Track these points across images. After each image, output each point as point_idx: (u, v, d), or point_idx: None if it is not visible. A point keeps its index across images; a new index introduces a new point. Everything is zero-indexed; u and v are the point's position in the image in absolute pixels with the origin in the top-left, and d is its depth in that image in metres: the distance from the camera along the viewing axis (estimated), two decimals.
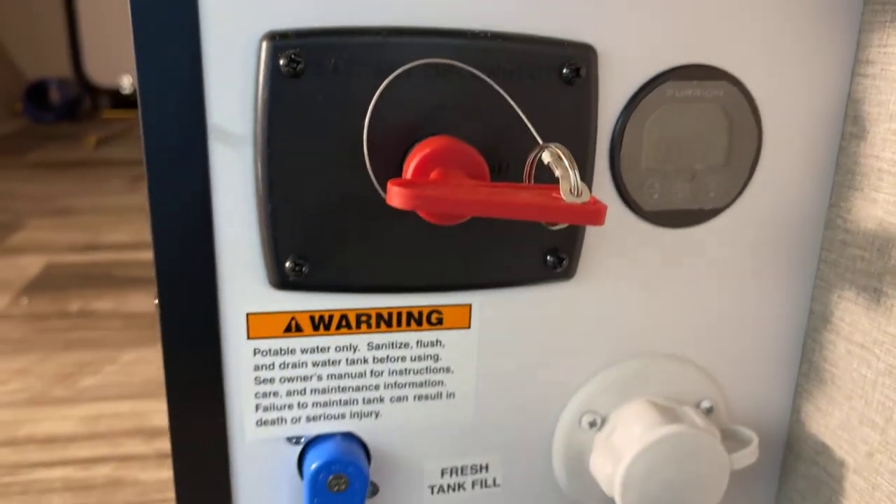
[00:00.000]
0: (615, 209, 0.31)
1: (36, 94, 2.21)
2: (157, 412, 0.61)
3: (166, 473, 0.53)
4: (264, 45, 0.26)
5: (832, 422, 0.34)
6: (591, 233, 0.31)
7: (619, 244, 0.31)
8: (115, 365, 0.69)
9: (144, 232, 1.04)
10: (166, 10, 0.25)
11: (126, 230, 1.11)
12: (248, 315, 0.29)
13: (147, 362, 0.70)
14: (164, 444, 0.56)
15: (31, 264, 0.95)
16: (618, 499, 0.31)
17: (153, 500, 0.50)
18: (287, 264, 0.28)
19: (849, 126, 0.32)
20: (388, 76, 0.26)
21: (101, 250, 1.02)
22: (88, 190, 1.37)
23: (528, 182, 0.26)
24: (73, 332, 0.76)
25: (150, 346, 0.73)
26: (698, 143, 0.31)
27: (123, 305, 0.83)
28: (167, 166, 0.27)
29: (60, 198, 1.30)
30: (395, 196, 0.23)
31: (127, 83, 2.56)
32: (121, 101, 2.49)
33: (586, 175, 0.30)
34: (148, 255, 0.28)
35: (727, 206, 0.32)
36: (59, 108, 2.21)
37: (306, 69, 0.26)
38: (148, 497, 0.51)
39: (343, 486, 0.30)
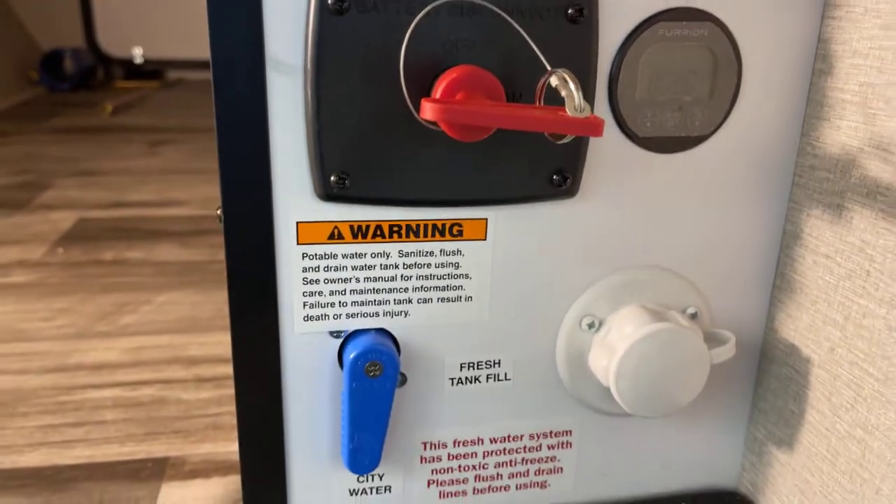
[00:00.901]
0: (612, 135, 0.35)
1: (51, 63, 2.25)
2: (193, 344, 0.66)
3: (205, 394, 0.59)
4: None
5: (800, 325, 0.38)
6: (592, 155, 0.35)
7: (616, 167, 0.36)
8: (151, 305, 0.75)
9: (167, 191, 1.10)
10: None
11: (149, 190, 1.16)
12: (297, 223, 0.34)
13: (179, 303, 0.75)
14: (202, 371, 0.62)
15: (63, 219, 1.01)
16: (612, 388, 0.36)
17: (195, 416, 0.56)
18: (332, 178, 0.33)
19: (818, 63, 0.36)
20: (419, 13, 0.31)
21: (127, 207, 1.07)
22: (109, 154, 1.42)
23: (539, 103, 0.31)
24: (109, 278, 0.82)
25: (181, 289, 0.79)
26: (686, 78, 0.35)
27: (153, 255, 0.88)
28: (231, 92, 0.31)
29: (83, 161, 1.35)
30: (428, 109, 0.28)
31: (138, 53, 2.60)
32: (133, 71, 2.53)
33: (588, 102, 0.34)
34: (172, 211, 0.33)
35: (711, 134, 0.37)
36: (73, 77, 2.25)
37: (350, 7, 0.30)
38: (190, 413, 0.56)
39: (378, 372, 0.35)
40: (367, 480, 0.39)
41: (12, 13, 2.31)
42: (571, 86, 0.29)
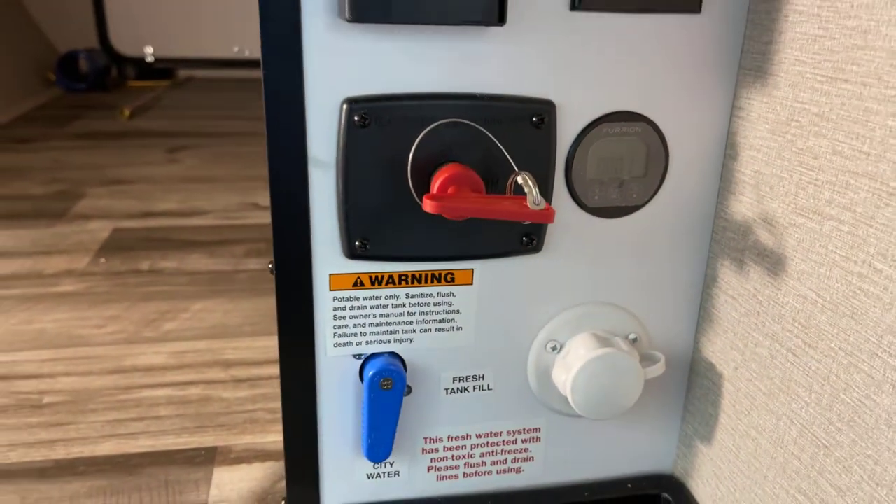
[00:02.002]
0: (569, 206, 0.46)
1: (67, 64, 2.35)
2: (228, 349, 0.78)
3: (242, 393, 0.70)
4: (344, 106, 0.41)
5: (716, 348, 0.50)
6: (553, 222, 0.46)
7: (571, 229, 0.47)
8: (188, 313, 0.86)
9: (190, 200, 1.22)
10: (287, 87, 0.40)
11: (174, 199, 1.27)
12: (330, 275, 0.45)
13: (213, 311, 0.86)
14: (237, 372, 0.73)
15: (100, 229, 1.12)
16: (569, 397, 0.47)
17: (235, 412, 0.67)
18: (356, 243, 0.44)
19: (728, 150, 0.47)
20: (423, 127, 0.41)
21: (156, 217, 1.18)
22: (132, 160, 1.52)
23: (509, 193, 0.42)
24: (148, 286, 0.93)
25: (213, 298, 0.90)
26: (625, 162, 0.46)
27: (185, 264, 1.00)
28: (283, 183, 0.42)
29: (109, 168, 1.46)
30: (428, 205, 0.39)
31: (149, 52, 2.70)
32: (145, 70, 2.63)
33: (548, 184, 0.45)
34: (197, 221, 0.44)
35: (645, 203, 0.47)
36: (89, 77, 2.35)
37: (371, 122, 0.41)
38: (231, 409, 0.68)
39: (389, 386, 0.46)
40: (381, 467, 0.51)
41: (28, 16, 2.41)
42: (531, 185, 0.40)
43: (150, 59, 2.69)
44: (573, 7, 0.42)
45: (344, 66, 0.41)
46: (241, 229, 1.13)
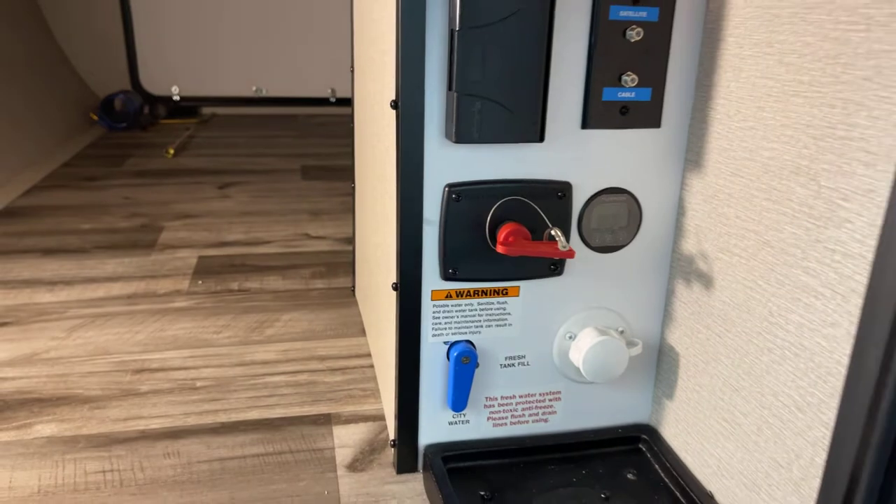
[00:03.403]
0: (580, 246, 0.74)
1: (107, 106, 2.60)
2: (319, 347, 1.04)
3: (338, 378, 0.96)
4: (446, 188, 0.68)
5: (675, 336, 0.77)
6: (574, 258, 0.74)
7: (581, 260, 0.74)
8: (280, 322, 1.12)
9: (252, 232, 1.50)
10: (413, 178, 0.67)
11: (238, 231, 1.53)
12: (431, 290, 0.72)
13: (299, 321, 1.12)
14: (331, 364, 1.00)
15: (188, 257, 1.37)
16: (581, 368, 0.74)
17: (336, 391, 0.93)
18: (449, 270, 0.71)
19: (679, 210, 0.75)
20: (493, 200, 0.69)
21: (229, 246, 1.44)
22: (190, 197, 1.78)
23: (545, 240, 0.69)
24: (243, 302, 1.19)
25: (296, 311, 1.16)
26: (615, 218, 0.74)
27: (265, 285, 1.25)
28: (407, 234, 0.69)
29: (174, 204, 1.72)
30: (500, 249, 0.66)
31: (175, 91, 2.96)
32: (173, 109, 2.90)
33: (567, 233, 0.72)
34: (264, 249, 0.74)
35: (628, 244, 0.75)
36: (127, 117, 2.61)
37: (462, 198, 0.68)
38: (333, 389, 0.94)
39: (467, 361, 0.73)
40: (458, 416, 0.77)
41: (70, 66, 2.67)
42: (560, 236, 0.67)
43: (176, 97, 2.95)
44: (583, 127, 0.70)
45: (447, 165, 0.68)
46: (302, 256, 1.39)
